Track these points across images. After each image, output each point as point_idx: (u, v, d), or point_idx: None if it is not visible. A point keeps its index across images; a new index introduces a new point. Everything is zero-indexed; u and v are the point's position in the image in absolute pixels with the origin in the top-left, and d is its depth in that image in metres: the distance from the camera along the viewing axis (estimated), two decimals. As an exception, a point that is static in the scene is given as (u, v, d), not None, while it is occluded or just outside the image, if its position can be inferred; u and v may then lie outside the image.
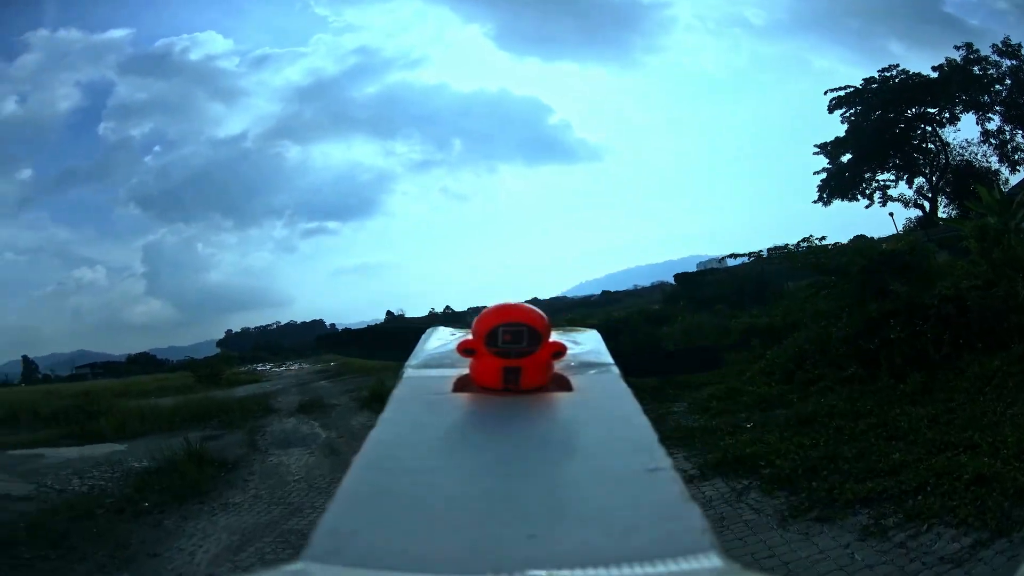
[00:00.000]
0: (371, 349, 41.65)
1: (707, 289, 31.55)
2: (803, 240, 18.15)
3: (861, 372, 13.08)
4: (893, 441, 9.43)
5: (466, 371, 1.36)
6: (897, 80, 41.26)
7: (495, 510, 0.92)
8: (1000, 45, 39.44)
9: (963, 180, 37.63)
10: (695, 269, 44.93)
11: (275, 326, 61.28)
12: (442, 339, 1.75)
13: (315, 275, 70.26)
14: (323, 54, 64.31)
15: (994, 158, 40.50)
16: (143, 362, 51.25)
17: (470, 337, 1.32)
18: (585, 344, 1.66)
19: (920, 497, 7.60)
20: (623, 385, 1.38)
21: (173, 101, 63.71)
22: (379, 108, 62.83)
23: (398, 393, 1.36)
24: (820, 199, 43.33)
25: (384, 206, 68.31)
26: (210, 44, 62.19)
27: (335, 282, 70.92)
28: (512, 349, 1.26)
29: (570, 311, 41.45)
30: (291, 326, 61.17)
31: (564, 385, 1.35)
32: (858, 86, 42.15)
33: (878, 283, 15.33)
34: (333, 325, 60.28)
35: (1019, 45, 39.23)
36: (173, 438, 16.85)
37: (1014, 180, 38.86)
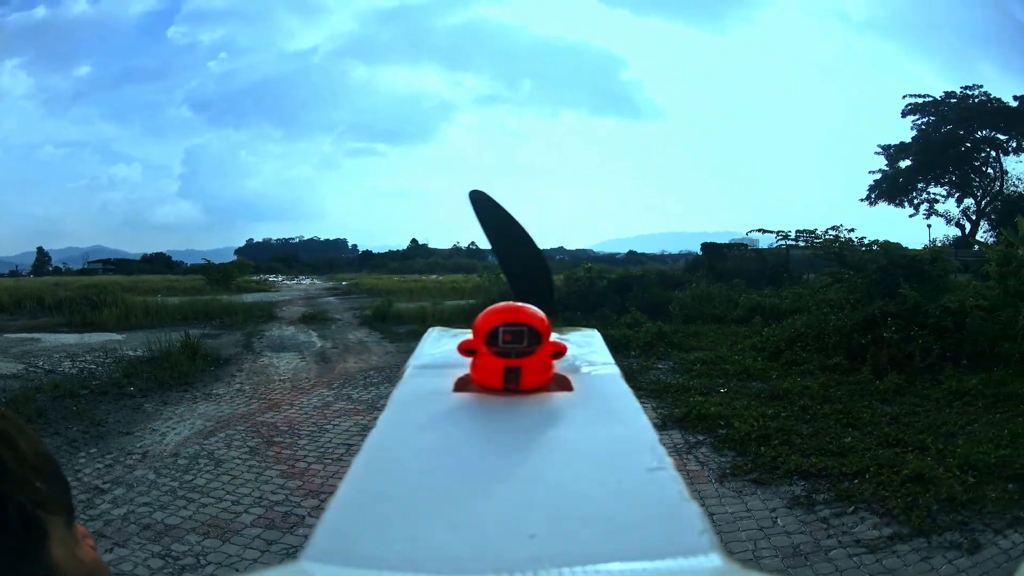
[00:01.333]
0: (387, 272, 42.62)
1: (730, 263, 31.60)
2: (831, 228, 18.22)
3: (845, 363, 13.41)
4: (850, 428, 9.79)
5: (466, 371, 1.37)
6: (976, 100, 40.98)
7: (495, 510, 0.92)
8: None
9: (1012, 209, 36.61)
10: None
11: (297, 240, 61.98)
12: (442, 339, 1.73)
13: (350, 195, 70.92)
14: None
15: (1053, 194, 39.94)
16: (157, 262, 51.83)
17: (470, 337, 1.34)
18: (585, 344, 1.67)
19: (856, 481, 7.94)
20: (623, 385, 1.38)
21: (251, 11, 64.73)
22: (456, 39, 63.46)
23: (398, 393, 1.35)
24: (867, 198, 43.16)
25: (439, 134, 68.81)
26: None
27: (369, 204, 71.47)
28: (512, 349, 1.26)
29: (591, 264, 41.50)
30: (314, 242, 61.84)
31: (564, 385, 1.35)
32: (937, 97, 41.90)
33: (890, 284, 15.55)
34: (356, 246, 60.77)
35: None
36: (173, 333, 17.59)
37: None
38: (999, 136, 41.29)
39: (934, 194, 42.93)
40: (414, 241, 58.25)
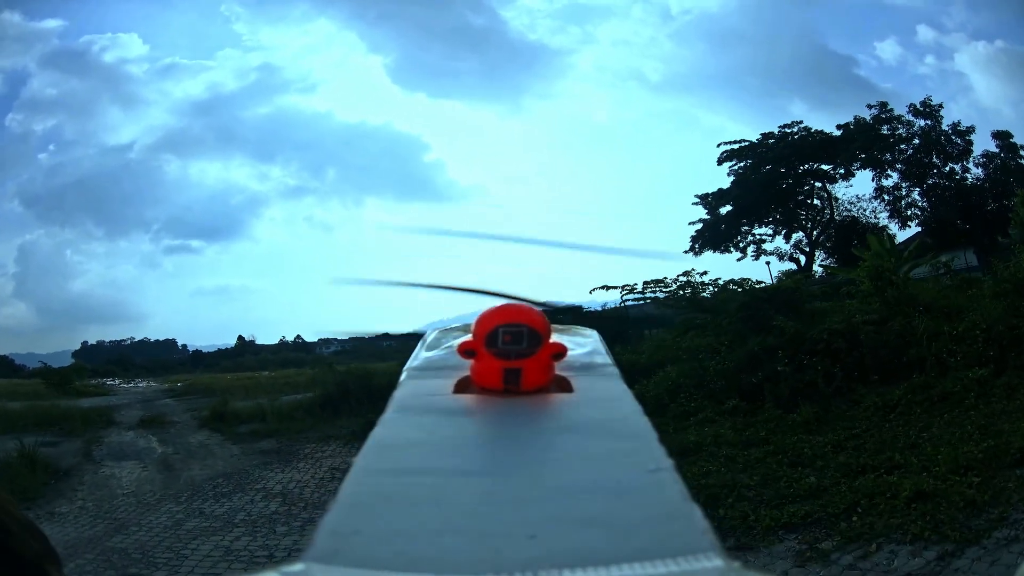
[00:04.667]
0: (220, 371, 43.78)
1: (565, 328, 30.56)
2: (683, 274, 17.90)
3: (744, 405, 12.78)
4: (798, 467, 9.20)
5: (466, 372, 1.31)
6: (796, 136, 41.50)
7: (496, 511, 0.89)
8: (918, 105, 39.77)
9: (846, 235, 38.44)
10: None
11: (129, 342, 59.89)
12: (442, 340, 1.68)
13: (174, 294, 68.71)
14: (226, 70, 62.67)
15: (884, 214, 40.86)
16: (1, 365, 49.89)
17: (470, 338, 1.28)
18: (586, 344, 1.61)
19: (854, 519, 7.41)
20: (623, 386, 1.32)
21: (79, 101, 61.88)
22: (265, 130, 61.77)
23: (398, 394, 1.31)
24: (691, 249, 42.77)
25: (250, 230, 66.45)
26: (128, 46, 60.08)
27: (192, 303, 69.22)
28: (512, 350, 1.21)
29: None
30: (145, 343, 59.76)
31: (565, 386, 1.29)
32: (754, 141, 42.26)
33: (759, 319, 15.22)
34: (185, 346, 59.47)
35: (939, 105, 39.66)
36: (11, 441, 16.49)
37: (902, 236, 39.07)
38: (823, 167, 41.88)
39: (760, 235, 42.94)
40: (241, 338, 56.68)
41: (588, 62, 70.03)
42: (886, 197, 40.52)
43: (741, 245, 42.91)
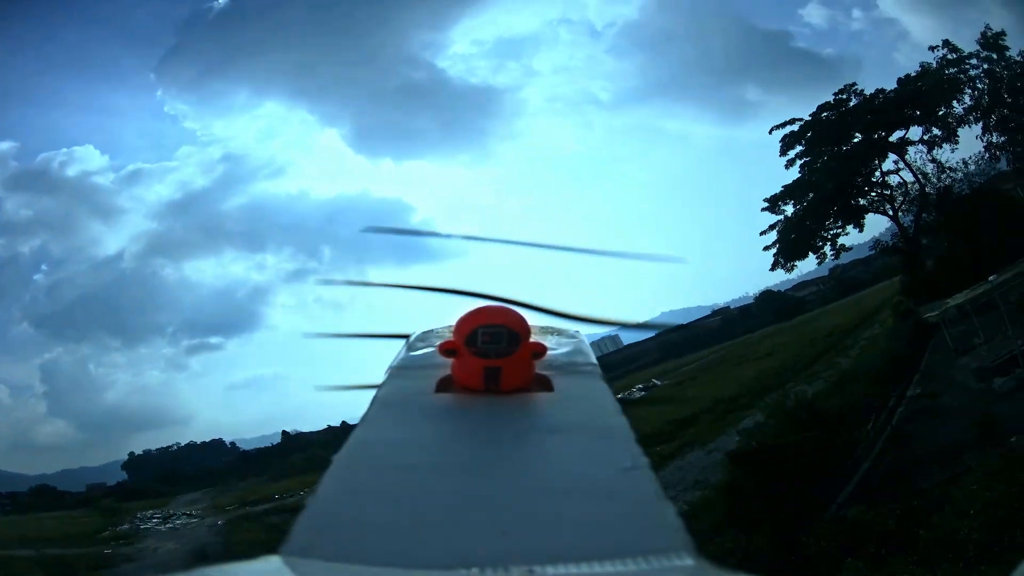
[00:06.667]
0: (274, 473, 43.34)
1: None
2: None
3: None
4: None
5: (448, 372, 1.46)
6: (858, 103, 37.82)
7: (470, 508, 0.97)
8: (982, 39, 36.43)
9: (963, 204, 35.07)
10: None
11: (175, 447, 58.37)
12: (425, 340, 1.77)
13: (208, 392, 69.15)
14: (191, 167, 63.08)
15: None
16: (45, 494, 48.75)
17: (451, 338, 1.41)
18: (568, 344, 1.71)
19: None
20: (603, 385, 1.47)
21: (56, 218, 62.48)
22: (246, 220, 62.30)
23: (381, 393, 1.45)
24: (776, 266, 39.63)
25: (265, 319, 66.90)
26: (87, 159, 60.52)
27: (229, 398, 69.27)
28: (492, 350, 1.36)
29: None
30: (191, 446, 58.31)
31: (545, 385, 1.44)
32: (807, 117, 38.79)
33: None
34: (233, 444, 57.99)
35: (1002, 32, 36.36)
36: None
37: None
38: (891, 138, 37.79)
39: (828, 234, 39.06)
40: (285, 434, 54.92)
41: (538, 94, 70.30)
42: (1000, 153, 37.05)
43: (818, 246, 39.12)
